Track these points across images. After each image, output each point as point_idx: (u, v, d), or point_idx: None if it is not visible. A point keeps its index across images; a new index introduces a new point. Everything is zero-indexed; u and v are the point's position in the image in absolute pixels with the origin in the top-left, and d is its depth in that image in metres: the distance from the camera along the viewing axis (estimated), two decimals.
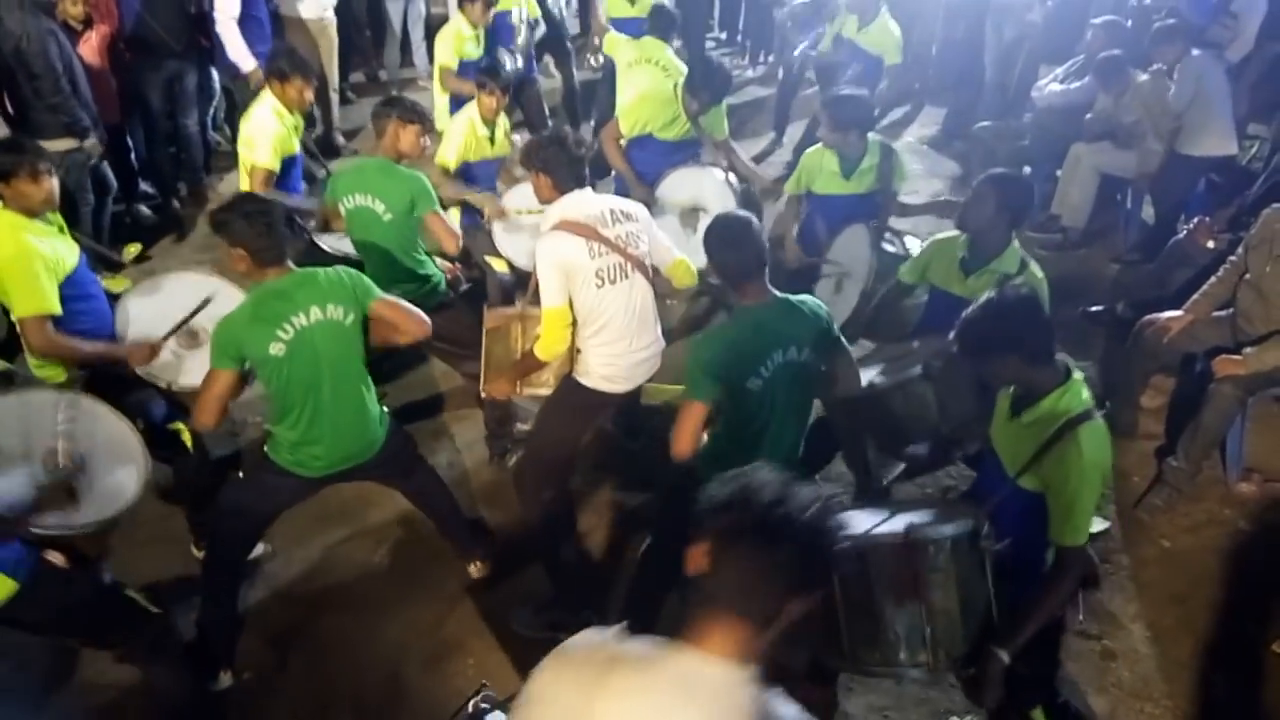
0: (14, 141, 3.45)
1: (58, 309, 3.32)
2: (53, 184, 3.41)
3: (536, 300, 3.30)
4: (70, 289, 3.37)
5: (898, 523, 2.58)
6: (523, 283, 4.67)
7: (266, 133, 4.47)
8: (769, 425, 2.89)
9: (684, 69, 5.48)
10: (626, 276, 3.28)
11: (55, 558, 2.84)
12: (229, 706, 3.28)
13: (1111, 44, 5.83)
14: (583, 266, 3.20)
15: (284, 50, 4.85)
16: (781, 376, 2.81)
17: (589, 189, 3.35)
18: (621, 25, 6.49)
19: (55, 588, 2.73)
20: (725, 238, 2.81)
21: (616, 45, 5.89)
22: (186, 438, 3.72)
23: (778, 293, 2.87)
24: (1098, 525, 3.91)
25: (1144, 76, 5.60)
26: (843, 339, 3.04)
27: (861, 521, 2.70)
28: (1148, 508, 4.05)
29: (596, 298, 3.24)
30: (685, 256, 3.58)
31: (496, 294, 4.89)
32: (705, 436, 2.93)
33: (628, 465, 4.23)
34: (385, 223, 3.97)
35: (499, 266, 4.89)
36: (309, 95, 4.65)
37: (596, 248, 3.22)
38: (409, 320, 3.12)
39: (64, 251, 3.41)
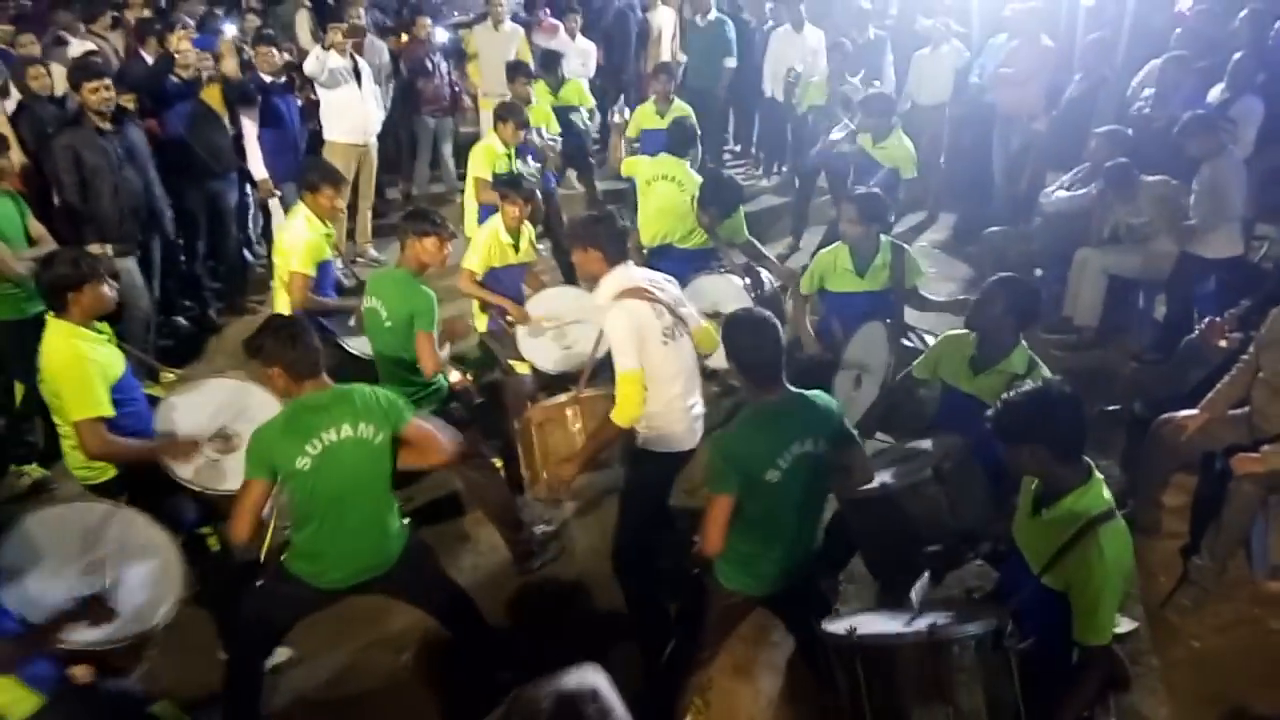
0: (81, 253, 3.64)
1: (111, 411, 3.46)
2: (115, 293, 3.61)
3: (590, 384, 3.57)
4: (117, 394, 3.51)
5: (921, 623, 2.60)
6: (544, 386, 4.82)
7: (301, 240, 4.71)
8: (787, 518, 2.95)
9: (699, 182, 5.74)
10: (682, 335, 3.55)
11: (81, 673, 2.86)
12: None
13: (1115, 151, 6.03)
14: (653, 326, 3.43)
15: (313, 163, 5.11)
16: (799, 469, 2.88)
17: (630, 263, 3.61)
18: (650, 136, 6.89)
19: (77, 705, 2.74)
20: (746, 333, 2.93)
21: (636, 165, 6.11)
22: (213, 542, 3.80)
23: (791, 388, 2.97)
24: (1125, 626, 3.87)
25: (1150, 179, 5.76)
26: (854, 432, 3.12)
27: (884, 623, 2.73)
28: (1176, 608, 4.00)
29: (663, 355, 3.46)
30: (708, 324, 3.79)
31: (517, 397, 5.02)
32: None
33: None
34: (386, 328, 4.16)
35: (521, 369, 5.04)
36: (339, 204, 4.89)
37: (658, 309, 3.47)
38: (436, 446, 3.20)
39: (113, 358, 3.57)
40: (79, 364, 3.41)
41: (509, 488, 4.39)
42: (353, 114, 7.12)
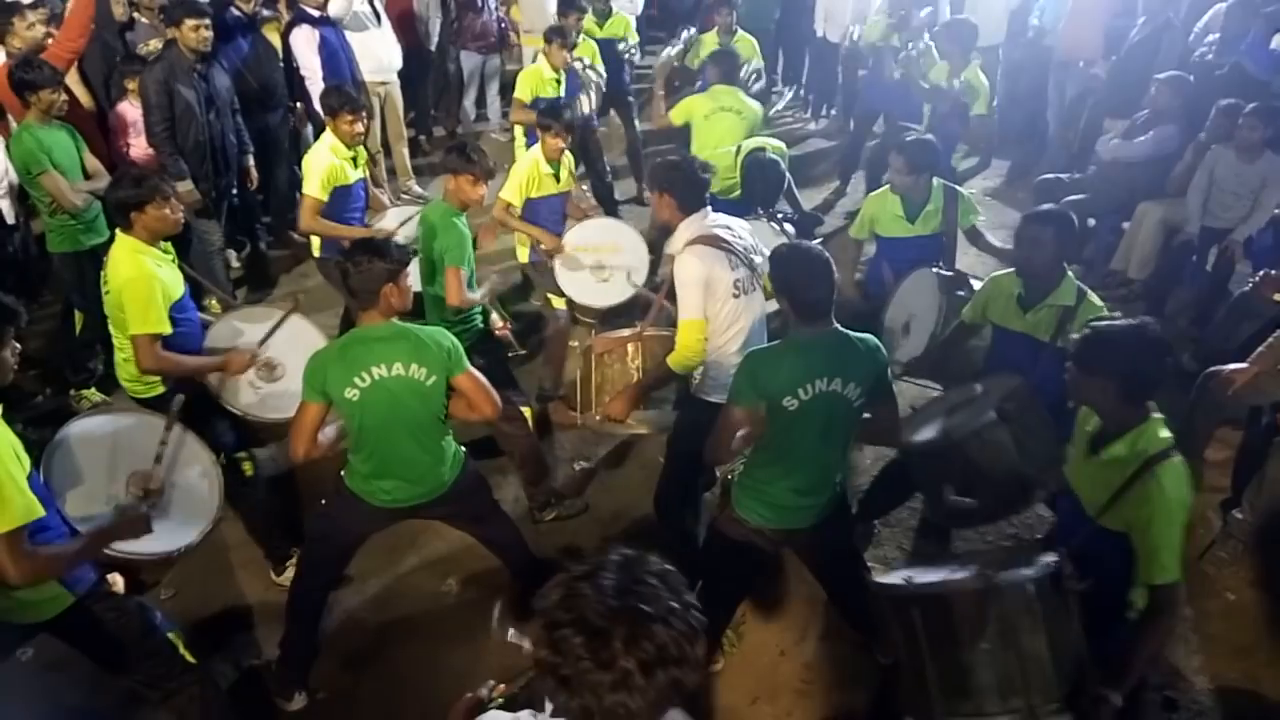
0: (146, 173, 3.72)
1: (168, 329, 3.57)
2: (179, 214, 3.69)
3: (654, 322, 3.56)
4: (175, 313, 3.62)
5: (979, 570, 2.59)
6: (578, 320, 4.86)
7: (319, 166, 4.78)
8: (802, 450, 2.97)
9: (758, 110, 5.66)
10: (755, 288, 3.52)
11: (116, 581, 3.00)
12: None
13: (1176, 98, 5.86)
14: (722, 277, 3.42)
15: (331, 89, 5.11)
16: (819, 404, 2.87)
17: (708, 209, 3.57)
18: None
19: (106, 611, 2.84)
20: (799, 267, 2.91)
21: (690, 105, 5.87)
22: (248, 468, 3.93)
23: (840, 326, 2.96)
24: None
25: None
26: (892, 386, 3.09)
27: (941, 572, 2.74)
28: (1213, 560, 4.00)
29: (733, 308, 3.46)
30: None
31: (555, 332, 5.08)
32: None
33: None
34: (422, 262, 4.19)
35: (557, 304, 5.08)
36: (359, 128, 4.88)
37: (731, 259, 3.44)
38: (484, 400, 3.20)
39: (174, 279, 3.67)
40: (144, 281, 3.51)
41: (537, 434, 4.45)
42: (375, 53, 7.10)
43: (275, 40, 6.51)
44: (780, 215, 5.42)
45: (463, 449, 3.41)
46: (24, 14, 5.31)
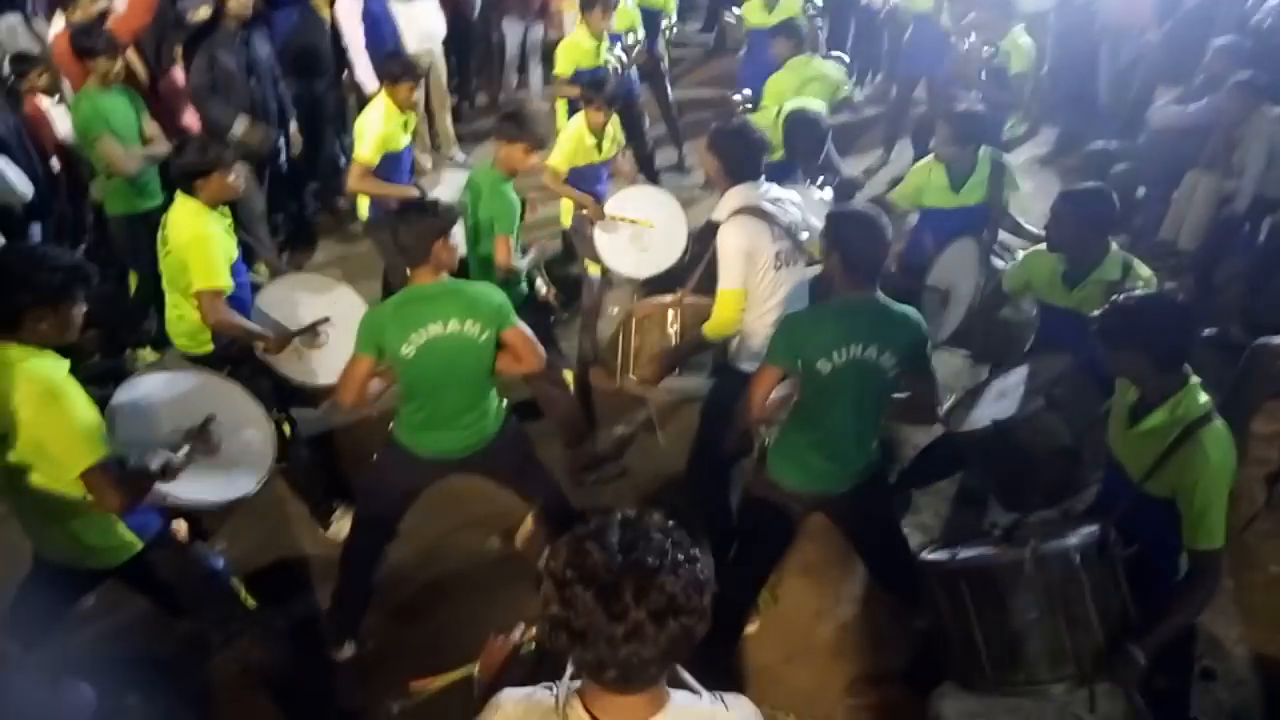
0: (206, 144, 3.83)
1: (231, 286, 3.69)
2: (240, 183, 3.81)
3: (696, 290, 3.56)
4: (231, 274, 3.72)
5: (1023, 541, 2.62)
6: (612, 286, 4.90)
7: (372, 130, 4.86)
8: (834, 414, 2.99)
9: (840, 71, 5.72)
10: (797, 261, 3.53)
11: (180, 528, 3.10)
12: (351, 675, 3.55)
13: (1234, 65, 5.70)
14: (765, 249, 3.43)
15: (394, 55, 5.17)
16: (852, 371, 2.89)
17: (762, 179, 3.56)
18: (757, 38, 6.71)
19: (171, 556, 2.98)
20: (858, 228, 2.92)
21: (778, 84, 5.74)
22: (286, 428, 4.03)
23: (882, 296, 2.97)
24: None
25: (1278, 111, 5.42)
26: (931, 363, 3.07)
27: (982, 547, 2.77)
28: (1256, 533, 3.97)
29: (773, 280, 3.48)
30: None
31: (590, 298, 5.13)
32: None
33: None
34: (470, 225, 4.22)
35: (593, 270, 5.12)
36: (416, 95, 4.98)
37: (776, 230, 3.45)
38: (530, 354, 3.27)
39: (230, 242, 3.79)
40: (208, 238, 3.63)
41: (578, 400, 4.51)
42: (419, 23, 7.10)
43: (324, 12, 6.54)
44: (821, 180, 5.39)
45: (505, 402, 3.48)
46: None
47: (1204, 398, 2.57)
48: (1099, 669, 2.49)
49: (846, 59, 9.81)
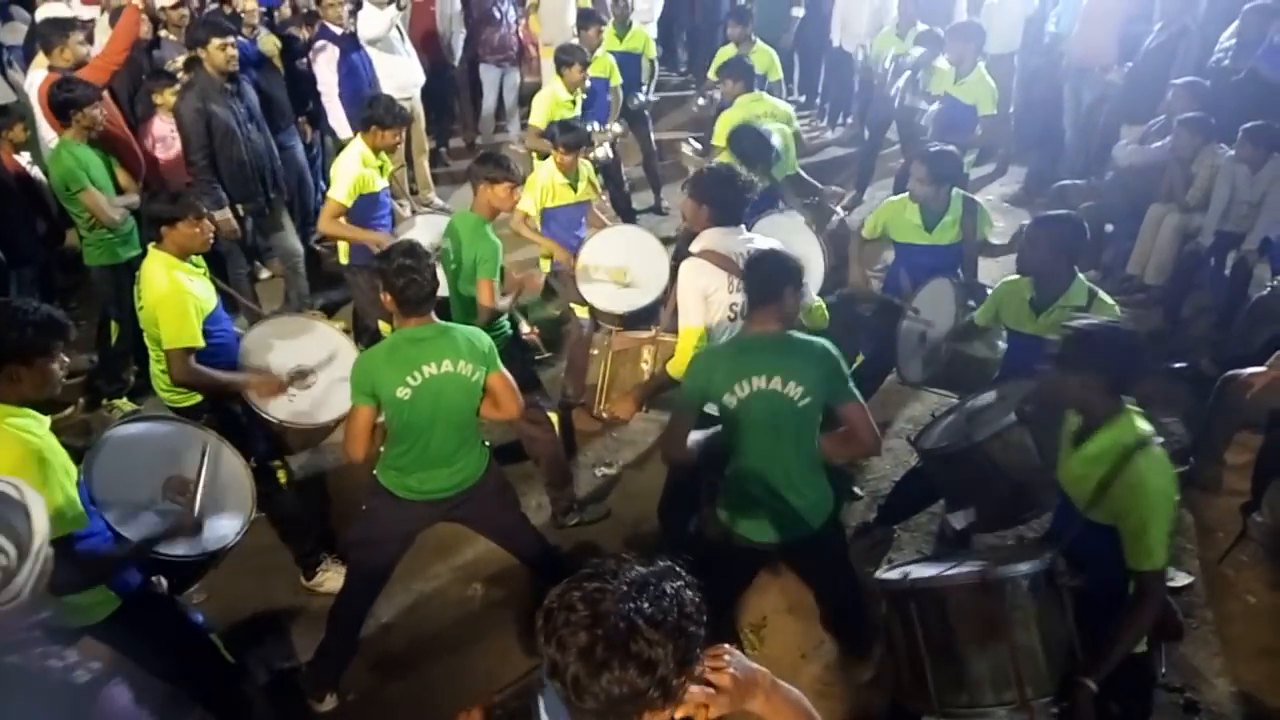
0: (179, 194, 3.84)
1: (201, 343, 3.66)
2: (209, 232, 3.79)
3: (671, 326, 3.57)
4: (208, 325, 3.72)
5: (973, 566, 2.68)
6: (600, 326, 4.93)
7: (348, 173, 4.87)
8: (750, 448, 3.04)
9: (788, 106, 5.76)
10: None
11: (162, 584, 3.04)
12: None
13: (1192, 104, 5.88)
14: (720, 300, 3.48)
15: (379, 100, 5.11)
16: (760, 403, 2.94)
17: (742, 228, 3.61)
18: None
19: (151, 612, 2.93)
20: (769, 267, 3.03)
21: (726, 125, 5.67)
22: (282, 476, 4.01)
23: (791, 331, 3.02)
24: (1181, 580, 3.91)
25: (1230, 153, 5.61)
26: (855, 389, 3.04)
27: (935, 569, 2.80)
28: (1233, 563, 4.02)
29: (729, 330, 3.51)
30: (820, 302, 3.81)
31: (577, 341, 5.15)
32: None
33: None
34: (452, 269, 4.25)
35: (580, 313, 5.14)
36: (397, 140, 5.02)
37: (736, 283, 3.46)
38: (510, 401, 3.33)
39: (206, 292, 3.78)
40: (177, 296, 3.61)
41: (561, 442, 4.49)
42: (397, 73, 7.18)
43: (278, 61, 6.60)
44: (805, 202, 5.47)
45: (487, 444, 3.50)
46: (78, 30, 5.43)
47: (1142, 423, 2.64)
48: (1041, 695, 2.53)
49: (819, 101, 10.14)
